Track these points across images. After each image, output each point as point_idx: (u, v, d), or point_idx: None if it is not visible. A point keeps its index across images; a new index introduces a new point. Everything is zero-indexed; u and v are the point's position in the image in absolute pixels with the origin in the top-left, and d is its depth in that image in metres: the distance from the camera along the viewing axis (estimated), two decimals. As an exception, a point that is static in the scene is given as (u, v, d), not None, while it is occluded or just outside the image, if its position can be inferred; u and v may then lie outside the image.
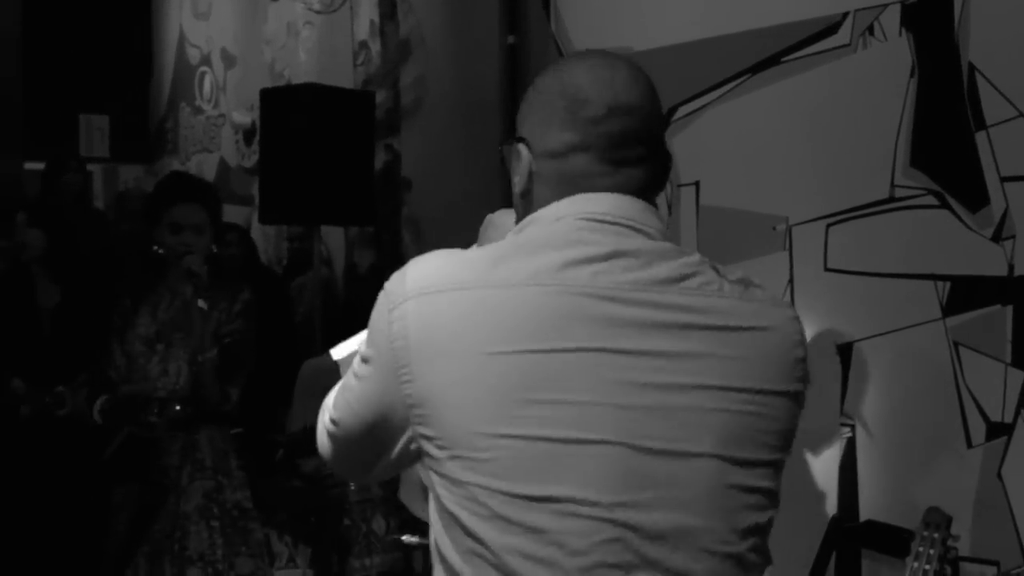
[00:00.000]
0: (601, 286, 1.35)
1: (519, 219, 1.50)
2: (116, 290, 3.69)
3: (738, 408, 1.37)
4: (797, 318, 1.48)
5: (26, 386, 3.93)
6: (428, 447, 1.36)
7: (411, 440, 1.39)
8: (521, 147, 1.48)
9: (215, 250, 3.58)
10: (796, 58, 3.53)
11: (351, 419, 1.44)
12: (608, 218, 1.41)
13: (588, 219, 1.41)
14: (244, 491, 3.54)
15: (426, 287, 1.36)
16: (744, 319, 1.40)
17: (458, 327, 1.34)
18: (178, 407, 3.45)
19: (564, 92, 1.45)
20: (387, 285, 1.42)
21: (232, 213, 6.46)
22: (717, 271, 1.43)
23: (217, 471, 3.49)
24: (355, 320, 1.72)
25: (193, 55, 7.95)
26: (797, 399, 1.44)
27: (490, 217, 1.79)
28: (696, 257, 1.43)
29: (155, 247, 3.54)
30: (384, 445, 1.43)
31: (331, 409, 1.48)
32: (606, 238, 1.40)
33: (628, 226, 1.41)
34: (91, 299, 4.08)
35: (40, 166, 6.87)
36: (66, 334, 4.04)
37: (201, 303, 3.40)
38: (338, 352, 1.67)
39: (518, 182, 1.48)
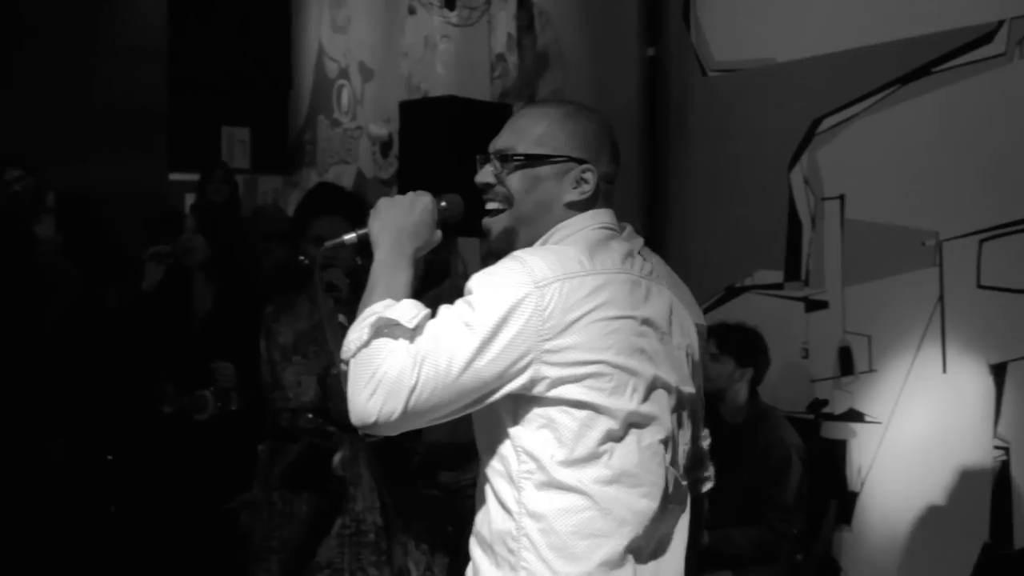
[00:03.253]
0: (636, 273, 2.01)
1: (543, 221, 2.05)
2: (262, 297, 3.74)
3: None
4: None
5: (174, 387, 4.02)
6: (550, 372, 1.87)
7: (529, 379, 1.88)
8: (591, 167, 2.04)
9: (359, 262, 3.54)
10: (948, 68, 3.45)
11: (474, 359, 1.85)
12: (611, 226, 2.05)
13: (603, 228, 2.03)
14: (372, 499, 3.51)
15: (566, 273, 1.91)
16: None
17: (589, 300, 1.89)
18: (310, 415, 3.48)
19: (608, 135, 2.10)
20: (527, 266, 1.91)
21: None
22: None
23: (346, 480, 3.48)
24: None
25: (331, 68, 8.09)
26: None
27: (383, 201, 2.15)
28: (640, 243, 2.09)
29: (300, 257, 3.54)
30: (490, 388, 1.88)
31: (436, 353, 1.88)
32: (617, 242, 2.03)
33: (614, 229, 2.06)
34: (241, 308, 4.16)
35: (184, 177, 7.08)
36: (215, 339, 4.11)
37: (342, 318, 3.33)
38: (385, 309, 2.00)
39: (584, 191, 2.03)
